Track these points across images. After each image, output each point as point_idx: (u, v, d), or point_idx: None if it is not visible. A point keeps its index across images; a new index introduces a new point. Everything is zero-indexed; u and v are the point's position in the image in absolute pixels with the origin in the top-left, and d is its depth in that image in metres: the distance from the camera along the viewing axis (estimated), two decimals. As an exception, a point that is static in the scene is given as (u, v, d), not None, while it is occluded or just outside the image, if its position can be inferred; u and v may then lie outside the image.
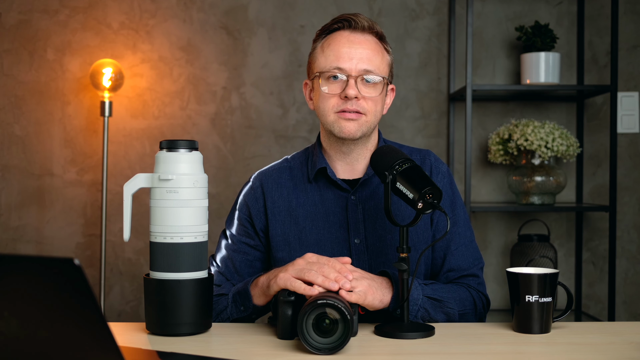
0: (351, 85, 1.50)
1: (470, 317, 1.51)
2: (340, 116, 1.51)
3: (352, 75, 1.50)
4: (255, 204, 1.62)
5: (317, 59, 1.56)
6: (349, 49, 1.52)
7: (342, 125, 1.52)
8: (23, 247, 3.02)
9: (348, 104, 1.50)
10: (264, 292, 1.41)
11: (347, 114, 1.51)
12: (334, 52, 1.52)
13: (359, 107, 1.51)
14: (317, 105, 1.56)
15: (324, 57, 1.54)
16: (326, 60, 1.53)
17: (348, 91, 1.49)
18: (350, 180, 1.60)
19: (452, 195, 1.61)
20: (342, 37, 1.54)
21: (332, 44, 1.54)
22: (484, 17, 3.05)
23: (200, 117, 3.03)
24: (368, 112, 1.52)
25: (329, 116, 1.53)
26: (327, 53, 1.53)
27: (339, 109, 1.51)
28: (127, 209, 1.32)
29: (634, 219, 3.04)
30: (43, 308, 0.84)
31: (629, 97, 3.02)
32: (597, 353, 1.20)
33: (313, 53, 1.59)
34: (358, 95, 1.50)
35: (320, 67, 1.54)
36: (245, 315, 1.46)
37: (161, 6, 3.04)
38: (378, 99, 1.53)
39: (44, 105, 3.03)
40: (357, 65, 1.51)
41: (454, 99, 3.03)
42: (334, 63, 1.51)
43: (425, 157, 1.63)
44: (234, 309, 1.46)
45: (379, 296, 1.35)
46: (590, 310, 3.03)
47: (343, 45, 1.52)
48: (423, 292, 1.43)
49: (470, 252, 1.59)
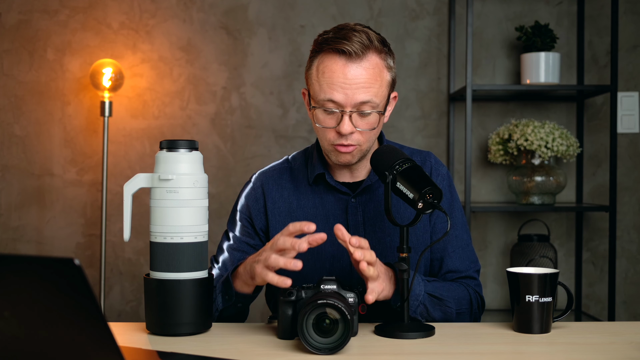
0: (345, 122, 1.44)
1: (465, 316, 1.52)
2: (337, 148, 1.49)
3: (346, 110, 1.44)
4: (256, 204, 1.62)
5: (313, 82, 1.49)
6: (343, 80, 1.43)
7: (339, 156, 1.50)
8: (23, 247, 3.02)
9: (343, 139, 1.47)
10: (246, 282, 1.41)
11: (343, 147, 1.48)
12: (327, 82, 1.44)
13: (354, 141, 1.47)
14: (315, 128, 1.53)
15: (318, 84, 1.47)
16: (320, 89, 1.46)
17: (342, 128, 1.45)
18: (350, 184, 1.59)
19: (451, 198, 1.62)
20: (336, 65, 1.44)
21: (326, 72, 1.45)
22: (484, 17, 3.05)
23: (200, 117, 3.03)
24: (363, 142, 1.49)
25: (326, 146, 1.51)
26: (321, 81, 1.46)
27: (335, 143, 1.48)
28: (127, 209, 1.32)
29: (634, 219, 3.04)
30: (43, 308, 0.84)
31: (629, 97, 3.02)
32: (597, 353, 1.20)
33: (309, 71, 1.51)
34: (353, 130, 1.46)
35: (315, 94, 1.48)
36: (231, 305, 1.45)
37: (161, 6, 3.04)
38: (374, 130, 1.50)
39: (44, 105, 3.03)
40: (353, 97, 1.44)
41: (454, 99, 3.03)
42: (328, 94, 1.44)
43: (426, 158, 1.63)
44: (221, 299, 1.45)
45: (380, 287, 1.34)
46: (590, 310, 3.03)
47: (337, 76, 1.44)
48: (425, 288, 1.43)
49: (466, 254, 1.60)
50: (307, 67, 1.53)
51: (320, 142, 1.54)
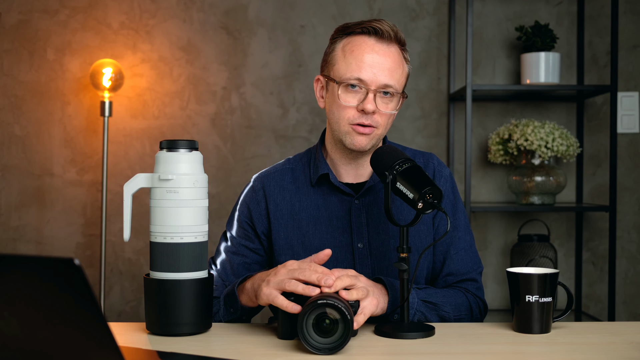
0: (370, 99, 1.46)
1: (465, 322, 1.50)
2: (355, 129, 1.48)
3: (371, 89, 1.46)
4: (257, 207, 1.60)
5: (336, 62, 1.50)
6: (372, 59, 1.46)
7: (355, 138, 1.49)
8: (23, 247, 3.02)
9: (364, 118, 1.47)
10: (251, 299, 1.40)
11: (361, 127, 1.48)
12: (356, 61, 1.46)
13: (374, 122, 1.48)
14: (331, 110, 1.52)
15: (344, 62, 1.48)
16: (347, 67, 1.47)
17: (366, 106, 1.45)
18: (354, 185, 1.58)
19: (454, 199, 1.61)
20: (366, 44, 1.48)
21: (355, 50, 1.48)
22: (484, 17, 3.05)
23: (200, 117, 3.03)
24: (380, 126, 1.50)
25: (343, 126, 1.49)
26: (349, 59, 1.48)
27: (355, 122, 1.48)
28: (127, 209, 1.32)
29: (634, 219, 3.04)
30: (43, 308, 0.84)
31: (629, 97, 3.02)
32: (597, 353, 1.20)
33: (332, 53, 1.52)
34: (376, 109, 1.47)
35: (339, 73, 1.49)
36: (236, 317, 1.45)
37: (161, 6, 3.04)
38: (393, 114, 1.51)
39: (44, 105, 3.03)
40: (379, 78, 1.46)
41: (454, 99, 3.03)
42: (355, 73, 1.46)
43: (429, 160, 1.62)
44: (225, 311, 1.45)
45: (375, 303, 1.33)
46: (590, 310, 3.03)
47: (366, 54, 1.46)
48: (418, 295, 1.43)
49: (469, 256, 1.59)
50: (327, 51, 1.55)
51: (335, 124, 1.51)
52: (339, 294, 1.27)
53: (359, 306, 1.29)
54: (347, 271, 1.33)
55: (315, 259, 1.31)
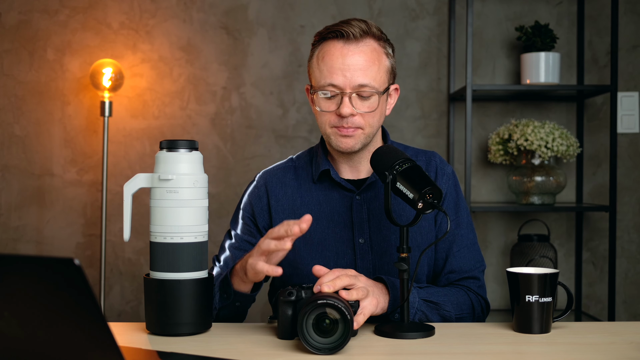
0: (345, 103, 1.47)
1: (467, 320, 1.51)
2: (337, 132, 1.51)
3: (345, 92, 1.47)
4: (259, 203, 1.62)
5: (313, 71, 1.53)
6: (341, 63, 1.47)
7: (340, 141, 1.51)
8: (23, 247, 3.02)
9: (343, 121, 1.49)
10: (242, 279, 1.41)
11: (343, 129, 1.50)
12: (327, 67, 1.48)
13: (354, 124, 1.49)
14: (316, 117, 1.55)
15: (318, 70, 1.51)
16: (320, 74, 1.50)
17: (342, 110, 1.47)
18: (355, 181, 1.59)
19: (457, 197, 1.61)
20: (335, 49, 1.49)
21: (326, 56, 1.49)
22: (484, 17, 3.05)
23: (200, 117, 3.03)
24: (366, 125, 1.51)
25: (327, 129, 1.52)
26: (321, 67, 1.50)
27: (335, 125, 1.50)
28: (127, 209, 1.32)
29: (634, 219, 3.04)
30: (43, 308, 0.84)
31: (629, 97, 3.02)
32: (597, 353, 1.20)
33: (310, 62, 1.56)
34: (353, 112, 1.48)
35: (315, 80, 1.52)
36: (229, 303, 1.45)
37: (161, 6, 3.04)
38: (375, 112, 1.51)
39: (44, 105, 3.03)
40: (352, 80, 1.47)
41: (454, 99, 3.03)
42: (327, 79, 1.48)
43: (431, 158, 1.63)
44: (219, 297, 1.46)
45: (375, 302, 1.34)
46: (590, 310, 3.03)
47: (336, 59, 1.48)
48: (419, 295, 1.43)
49: (472, 254, 1.59)
50: (308, 59, 1.57)
51: (321, 129, 1.54)
52: (339, 293, 1.27)
53: (358, 306, 1.29)
54: (347, 271, 1.33)
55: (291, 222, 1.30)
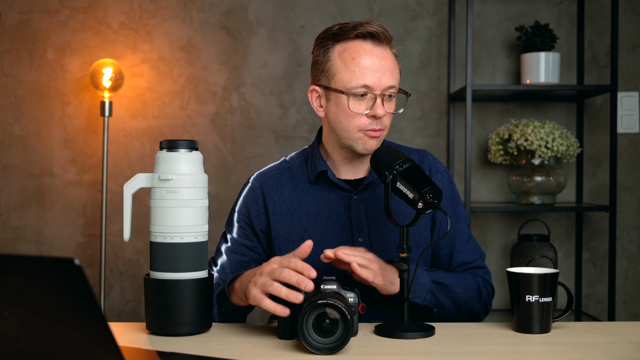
0: (379, 105, 1.47)
1: (475, 303, 1.54)
2: (367, 134, 1.50)
3: (378, 93, 1.48)
4: (255, 205, 1.61)
5: (337, 72, 1.49)
6: (373, 64, 1.47)
7: (367, 143, 1.51)
8: (23, 247, 3.02)
9: (375, 123, 1.49)
10: (241, 299, 1.40)
11: (374, 131, 1.50)
12: (359, 68, 1.47)
13: (383, 125, 1.51)
14: (337, 120, 1.52)
15: (347, 71, 1.48)
16: (351, 75, 1.47)
17: (377, 111, 1.47)
18: (352, 180, 1.60)
19: (452, 193, 1.63)
20: (364, 50, 1.48)
21: (356, 57, 1.47)
22: (484, 17, 3.05)
23: (200, 117, 3.03)
24: (386, 127, 1.53)
25: (354, 133, 1.51)
26: (351, 67, 1.47)
27: (367, 128, 1.49)
28: (127, 209, 1.32)
29: (634, 219, 3.04)
30: (43, 308, 0.84)
31: (629, 97, 3.02)
32: (597, 353, 1.20)
33: (329, 63, 1.51)
34: (385, 112, 1.49)
35: (343, 82, 1.49)
36: (229, 316, 1.45)
37: (161, 6, 3.04)
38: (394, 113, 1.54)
39: (44, 105, 3.03)
40: (383, 82, 1.48)
41: (454, 99, 3.03)
42: (361, 80, 1.47)
43: (424, 156, 1.64)
44: (218, 310, 1.45)
45: (390, 278, 1.38)
46: (590, 310, 3.03)
47: (368, 60, 1.47)
48: (430, 276, 1.47)
49: (472, 246, 1.63)
50: (320, 60, 1.53)
51: (345, 132, 1.52)
52: (352, 266, 1.32)
53: (358, 306, 1.30)
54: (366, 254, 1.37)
55: (297, 252, 1.29)
